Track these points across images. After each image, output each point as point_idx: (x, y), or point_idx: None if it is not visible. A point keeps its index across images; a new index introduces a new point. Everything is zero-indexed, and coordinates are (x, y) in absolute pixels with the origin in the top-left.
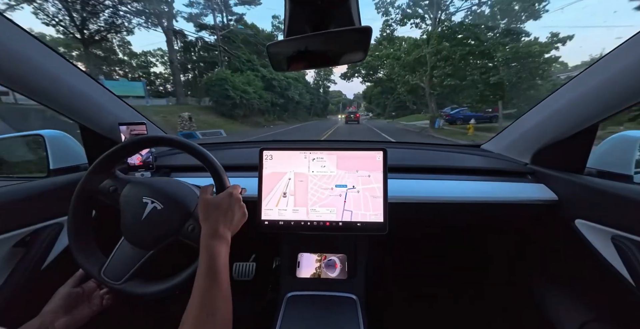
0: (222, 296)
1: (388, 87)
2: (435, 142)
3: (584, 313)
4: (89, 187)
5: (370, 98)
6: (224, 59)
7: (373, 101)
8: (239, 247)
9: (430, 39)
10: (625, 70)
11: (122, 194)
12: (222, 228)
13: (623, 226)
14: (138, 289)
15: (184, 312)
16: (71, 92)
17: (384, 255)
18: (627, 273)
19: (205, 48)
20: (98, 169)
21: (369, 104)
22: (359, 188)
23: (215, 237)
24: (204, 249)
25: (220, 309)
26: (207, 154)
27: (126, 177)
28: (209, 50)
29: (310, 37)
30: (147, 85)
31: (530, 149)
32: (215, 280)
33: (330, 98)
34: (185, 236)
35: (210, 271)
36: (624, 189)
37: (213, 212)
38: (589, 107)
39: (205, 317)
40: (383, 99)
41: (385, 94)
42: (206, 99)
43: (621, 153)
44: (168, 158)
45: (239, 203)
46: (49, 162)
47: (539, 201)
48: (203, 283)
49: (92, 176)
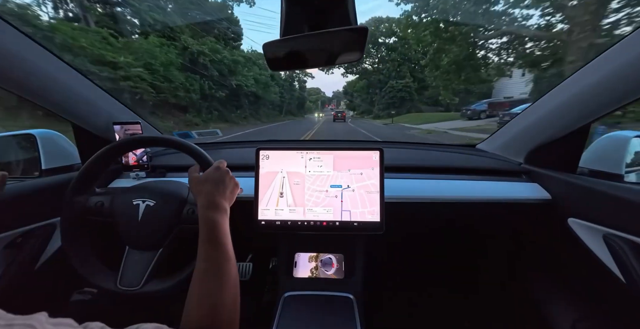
0: (226, 258)
1: (375, 80)
2: (431, 141)
3: (577, 309)
4: (75, 211)
5: (352, 94)
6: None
7: (357, 96)
8: (236, 247)
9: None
10: (616, 72)
11: (110, 205)
12: (218, 198)
13: (614, 225)
14: (158, 287)
15: (190, 282)
16: (64, 90)
17: (381, 255)
18: (619, 270)
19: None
20: (78, 189)
21: (351, 101)
22: (354, 187)
23: (212, 208)
24: (203, 220)
25: (225, 271)
26: (204, 153)
27: (106, 189)
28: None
29: (306, 37)
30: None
31: (524, 149)
32: (217, 246)
33: (308, 96)
34: (188, 221)
35: (212, 240)
36: (615, 188)
37: (205, 186)
38: (581, 108)
39: (212, 277)
40: (369, 95)
41: (373, 88)
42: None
43: (612, 153)
44: (164, 158)
45: (229, 175)
46: (40, 162)
47: (532, 200)
48: (205, 249)
49: (73, 200)
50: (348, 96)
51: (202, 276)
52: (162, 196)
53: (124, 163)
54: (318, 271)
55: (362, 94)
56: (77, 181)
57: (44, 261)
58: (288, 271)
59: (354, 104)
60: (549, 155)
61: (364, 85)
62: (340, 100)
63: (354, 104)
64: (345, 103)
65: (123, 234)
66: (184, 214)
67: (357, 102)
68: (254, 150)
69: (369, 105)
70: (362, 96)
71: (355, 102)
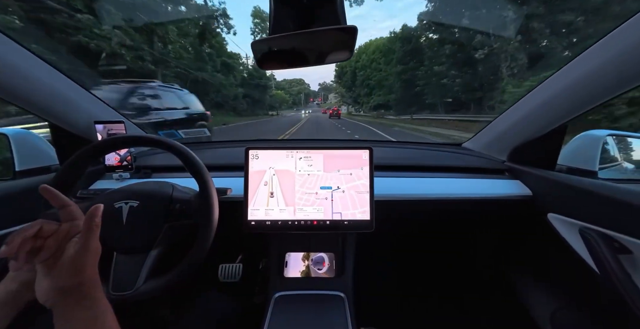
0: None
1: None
2: (419, 141)
3: (556, 300)
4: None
5: (353, 77)
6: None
7: (357, 86)
8: (225, 248)
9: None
10: (586, 76)
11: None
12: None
13: (589, 219)
14: (153, 288)
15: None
16: (40, 88)
17: (371, 253)
18: (593, 262)
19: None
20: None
21: (347, 90)
22: (344, 187)
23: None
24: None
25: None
26: (190, 153)
27: (86, 193)
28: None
29: (295, 36)
30: None
31: (507, 147)
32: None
33: (289, 87)
34: (176, 218)
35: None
36: (589, 184)
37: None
38: (559, 108)
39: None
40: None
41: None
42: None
43: (587, 151)
44: (149, 158)
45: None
46: (14, 164)
47: (515, 196)
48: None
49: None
50: (343, 83)
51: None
52: (146, 195)
53: (106, 164)
54: (309, 270)
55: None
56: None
57: None
58: (279, 271)
59: (348, 98)
60: (529, 153)
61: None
62: (328, 94)
63: (347, 97)
64: (334, 97)
65: (108, 240)
66: (170, 211)
67: (362, 92)
68: (243, 149)
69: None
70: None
71: (355, 92)
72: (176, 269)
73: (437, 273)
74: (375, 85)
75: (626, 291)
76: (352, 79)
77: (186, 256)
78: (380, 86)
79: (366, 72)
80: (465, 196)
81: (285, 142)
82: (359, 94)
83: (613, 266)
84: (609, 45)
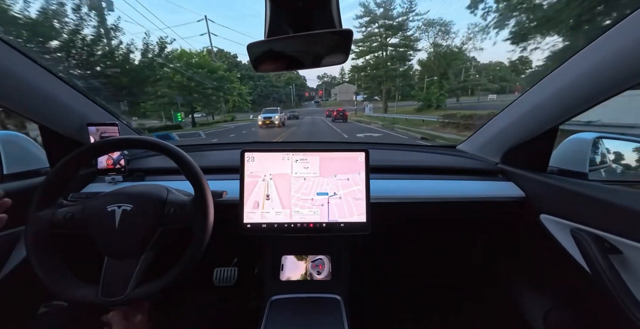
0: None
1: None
2: (414, 143)
3: (549, 300)
4: (40, 227)
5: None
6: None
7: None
8: (220, 251)
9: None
10: (579, 78)
11: (82, 215)
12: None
13: (580, 219)
14: (146, 293)
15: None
16: (30, 89)
17: (367, 255)
18: (584, 262)
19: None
20: (42, 204)
21: (366, 76)
22: (340, 193)
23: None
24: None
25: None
26: (185, 155)
27: (77, 196)
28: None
29: (291, 38)
30: None
31: (500, 149)
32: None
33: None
34: (170, 221)
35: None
36: (580, 186)
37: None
38: (550, 111)
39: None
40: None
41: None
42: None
43: (577, 153)
44: (142, 161)
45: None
46: (2, 167)
47: (508, 198)
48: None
49: (38, 215)
50: (359, 70)
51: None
52: (139, 198)
53: (98, 167)
54: (305, 273)
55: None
56: (40, 193)
57: (6, 273)
58: (274, 275)
59: (371, 89)
60: (522, 155)
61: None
62: (332, 87)
63: (370, 87)
64: (360, 88)
65: (100, 244)
66: (165, 214)
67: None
68: (239, 152)
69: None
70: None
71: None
72: (169, 274)
73: (431, 274)
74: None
75: (616, 290)
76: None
77: (179, 260)
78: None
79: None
80: (459, 198)
81: (281, 145)
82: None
83: (603, 265)
84: (599, 49)
